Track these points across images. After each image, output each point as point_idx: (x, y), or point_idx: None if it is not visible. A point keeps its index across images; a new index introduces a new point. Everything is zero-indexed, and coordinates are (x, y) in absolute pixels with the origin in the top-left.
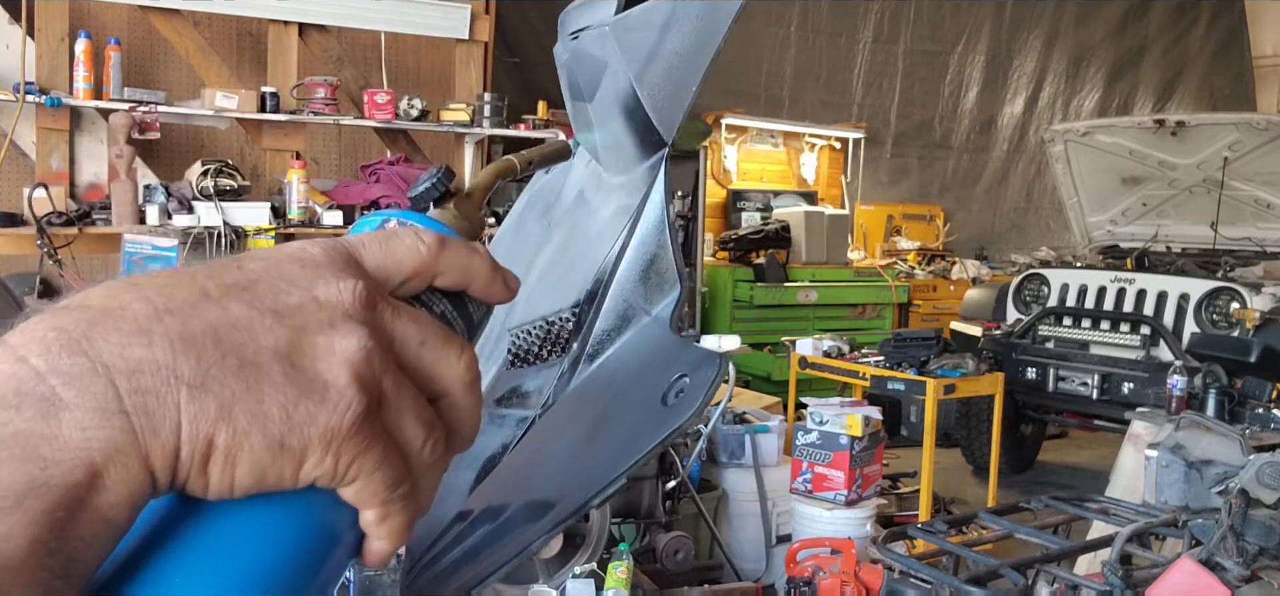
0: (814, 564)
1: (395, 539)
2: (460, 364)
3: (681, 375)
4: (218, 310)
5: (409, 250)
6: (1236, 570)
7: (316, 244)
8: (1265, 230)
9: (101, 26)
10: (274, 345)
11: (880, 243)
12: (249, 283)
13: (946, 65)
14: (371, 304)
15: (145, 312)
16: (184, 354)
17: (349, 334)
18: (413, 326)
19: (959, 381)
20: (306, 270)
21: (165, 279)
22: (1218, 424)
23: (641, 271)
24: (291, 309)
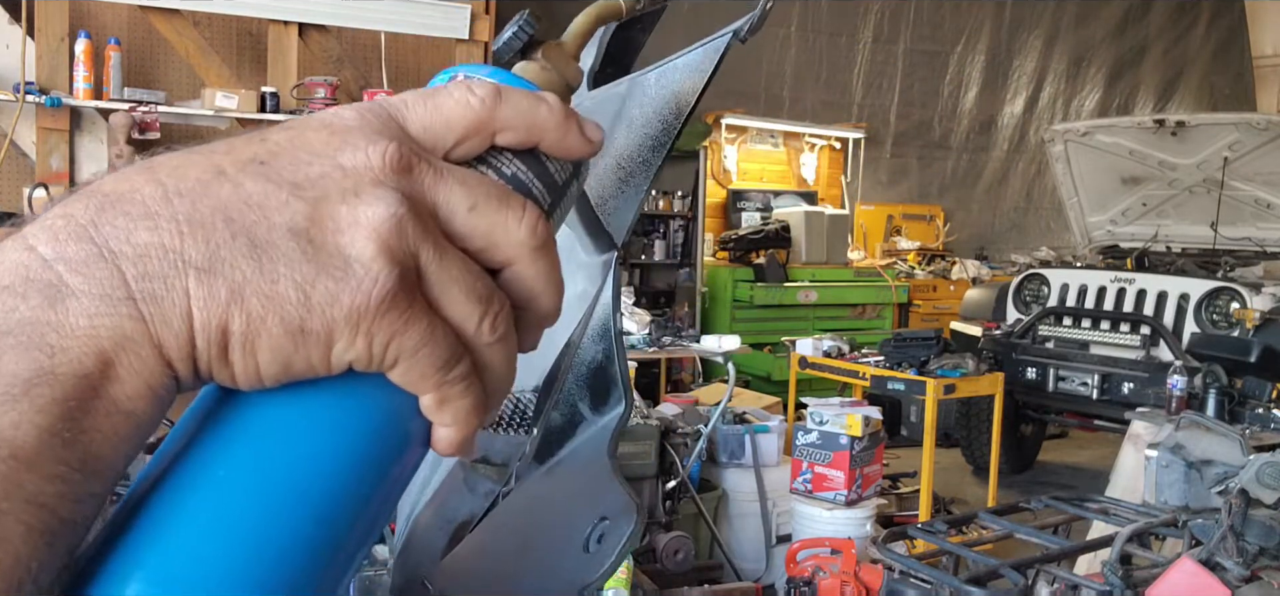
0: (814, 564)
1: (462, 424)
2: (522, 227)
3: (603, 518)
4: (231, 188)
5: (459, 104)
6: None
7: (352, 107)
8: (1265, 230)
9: (101, 26)
10: (290, 221)
11: (880, 243)
12: (269, 156)
13: (946, 65)
14: (406, 167)
15: (154, 195)
16: (192, 236)
17: (375, 201)
18: (460, 189)
19: (959, 381)
20: (335, 137)
21: (181, 159)
22: (1218, 424)
23: (588, 377)
24: (312, 180)
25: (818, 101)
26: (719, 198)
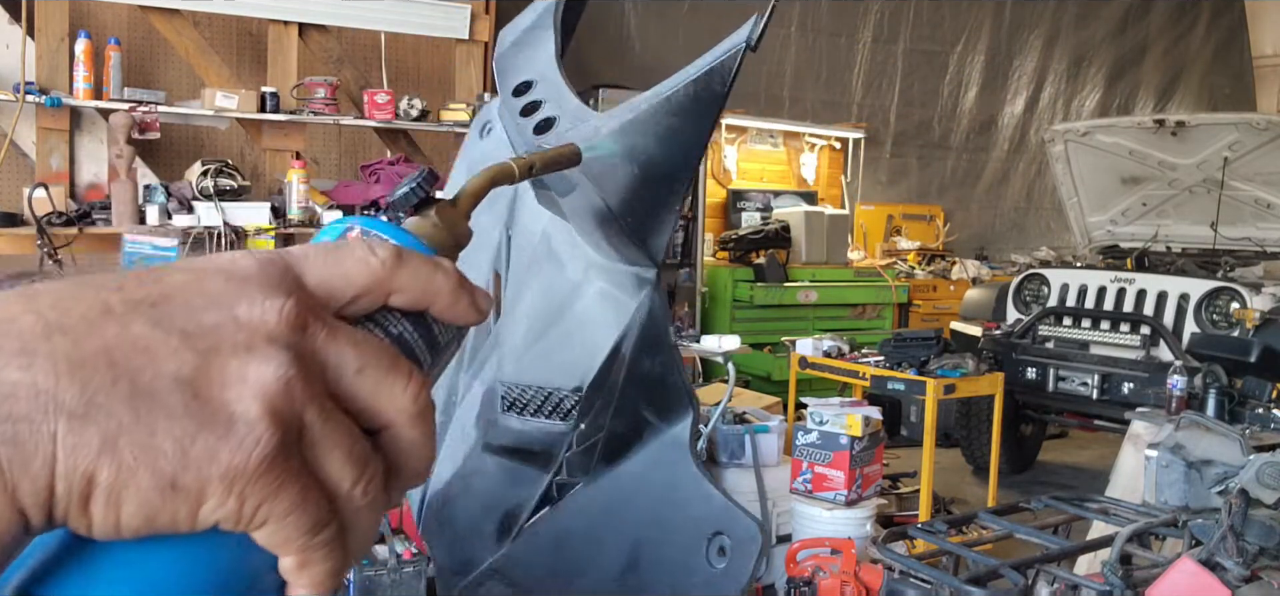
0: (814, 564)
1: (318, 588)
2: (406, 394)
3: (718, 532)
4: (117, 328)
5: (358, 263)
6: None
7: (252, 255)
8: (1265, 230)
9: (101, 26)
10: (176, 371)
11: (880, 243)
12: (162, 299)
13: (946, 65)
14: (301, 324)
15: (33, 329)
16: (68, 378)
17: (267, 359)
18: (351, 350)
19: (959, 381)
20: (231, 285)
21: (66, 290)
22: (1218, 424)
23: (648, 387)
24: (205, 329)
25: (817, 101)
26: (719, 197)
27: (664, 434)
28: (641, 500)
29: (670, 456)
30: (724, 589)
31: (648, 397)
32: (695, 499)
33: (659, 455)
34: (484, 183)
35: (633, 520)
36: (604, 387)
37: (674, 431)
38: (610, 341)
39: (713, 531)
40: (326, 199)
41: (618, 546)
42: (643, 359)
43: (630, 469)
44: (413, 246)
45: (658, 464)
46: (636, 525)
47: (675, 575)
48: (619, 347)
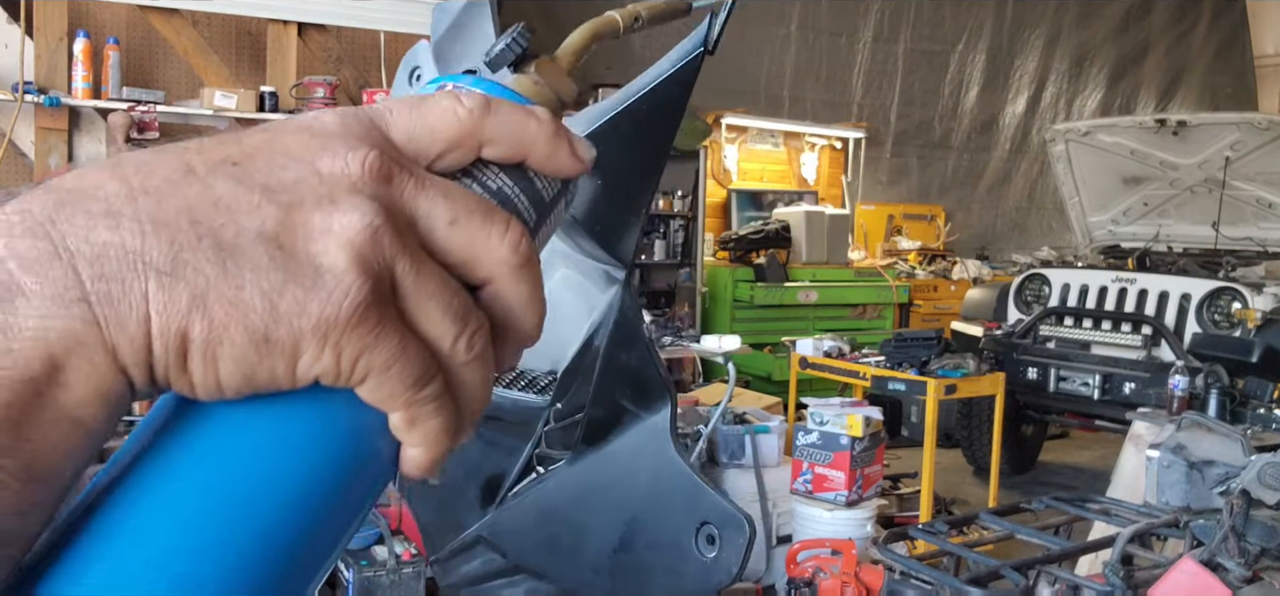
0: (814, 564)
1: (431, 446)
2: (505, 244)
3: (705, 522)
4: (199, 188)
5: (445, 114)
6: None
7: (335, 111)
8: (1267, 230)
9: (100, 26)
10: (259, 225)
11: (881, 242)
12: (243, 157)
13: (947, 65)
14: (386, 175)
15: (118, 193)
16: (155, 237)
17: (351, 209)
18: (443, 201)
19: (960, 382)
20: (314, 141)
21: (150, 156)
22: (1219, 424)
23: (625, 378)
24: (286, 184)
25: (818, 101)
26: (719, 197)
27: (645, 421)
28: (630, 482)
29: (654, 443)
30: (715, 578)
31: (625, 388)
32: (680, 487)
33: (642, 441)
34: (588, 35)
35: (623, 500)
36: (578, 373)
37: (654, 419)
38: (581, 330)
39: (700, 521)
40: None
41: (609, 523)
42: (618, 353)
43: (616, 450)
44: (505, 92)
45: (642, 449)
46: (627, 505)
47: (669, 557)
48: (592, 340)
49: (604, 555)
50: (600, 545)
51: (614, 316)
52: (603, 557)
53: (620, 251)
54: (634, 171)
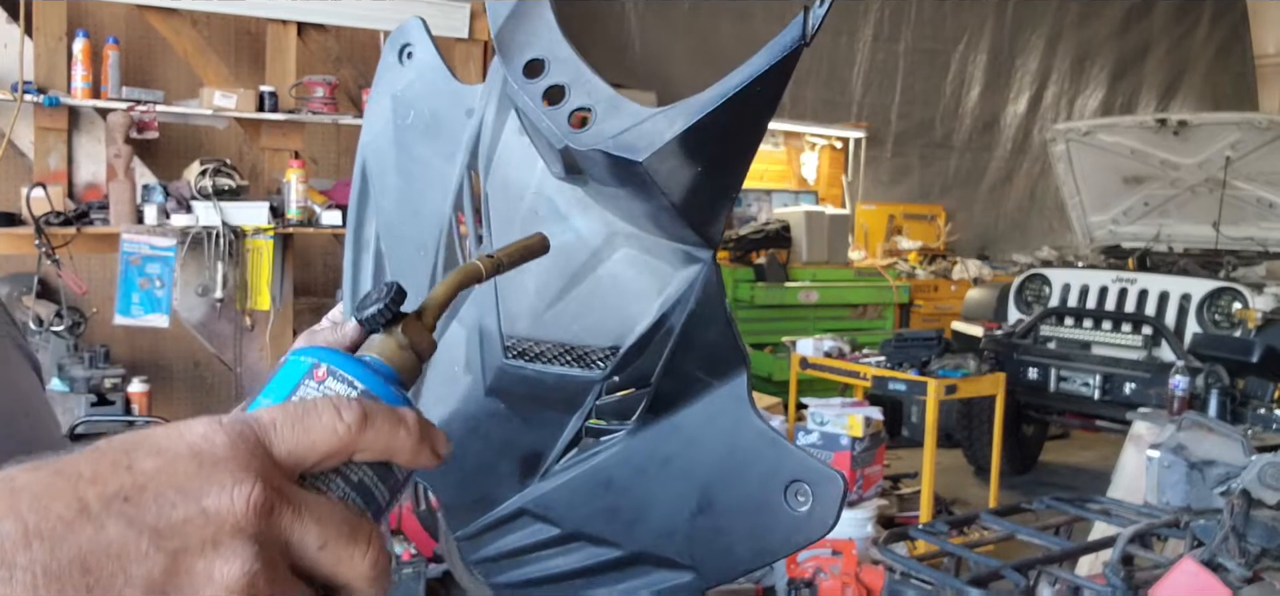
0: (815, 565)
1: None
2: (365, 561)
3: (796, 480)
4: (92, 531)
5: (326, 431)
6: (1238, 571)
7: (223, 428)
8: (1267, 230)
9: (99, 26)
10: (147, 575)
11: (881, 242)
12: (134, 492)
13: (948, 64)
14: (267, 509)
15: (14, 535)
16: (46, 589)
17: (232, 556)
18: (315, 528)
19: (960, 382)
20: (202, 470)
21: (45, 485)
22: (1220, 424)
23: (702, 352)
24: (174, 527)
25: (818, 100)
26: None
27: (718, 389)
28: (702, 449)
29: (730, 409)
30: (811, 531)
31: (700, 360)
32: (764, 449)
33: (717, 408)
34: (451, 288)
35: (695, 467)
36: (646, 350)
37: (729, 387)
38: (651, 308)
39: (789, 480)
40: (325, 198)
41: (681, 491)
42: (697, 331)
43: (684, 420)
44: (377, 384)
45: (716, 416)
46: (701, 472)
47: (754, 517)
48: (665, 318)
49: (678, 519)
50: (671, 510)
51: (697, 294)
52: (676, 521)
53: (710, 233)
54: (729, 158)
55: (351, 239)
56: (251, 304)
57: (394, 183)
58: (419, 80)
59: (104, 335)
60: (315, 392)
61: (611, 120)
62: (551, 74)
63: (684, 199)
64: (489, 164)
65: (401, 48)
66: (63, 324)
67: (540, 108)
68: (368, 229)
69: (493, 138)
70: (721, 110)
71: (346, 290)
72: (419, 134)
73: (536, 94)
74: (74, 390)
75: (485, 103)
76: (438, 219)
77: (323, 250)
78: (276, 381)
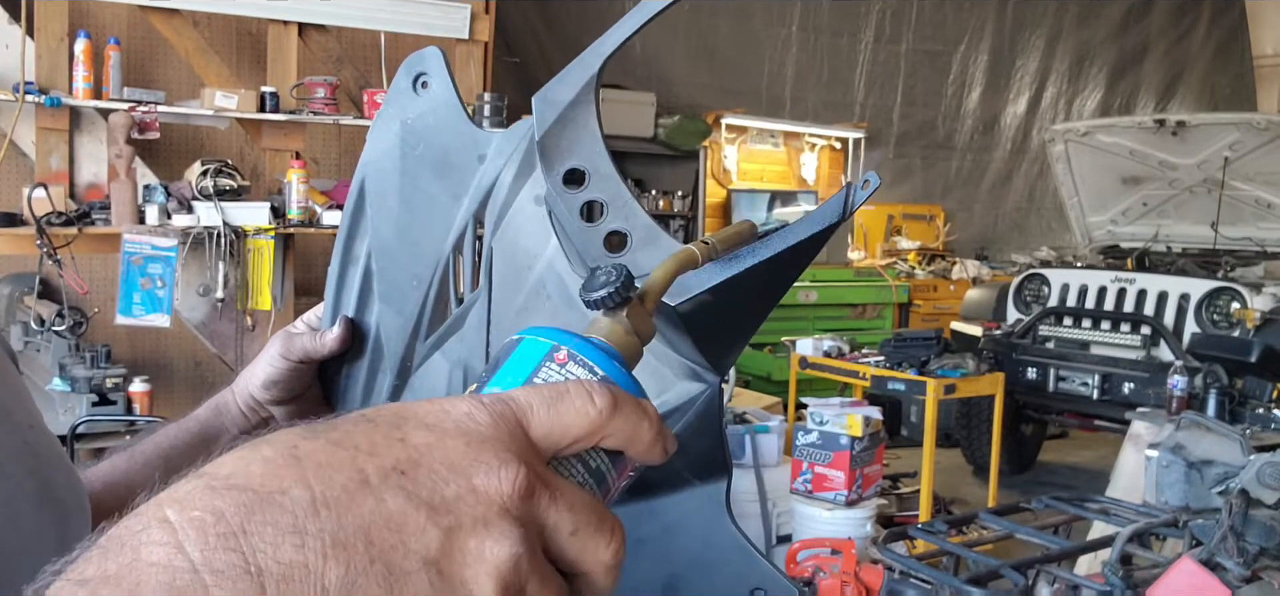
0: (814, 564)
1: None
2: (608, 551)
3: (758, 589)
4: (373, 503)
5: (579, 415)
6: (1237, 570)
7: (484, 409)
8: (1266, 230)
9: (101, 26)
10: (424, 549)
11: (881, 242)
12: (409, 465)
13: (949, 65)
14: (529, 493)
15: (303, 502)
16: (334, 557)
17: (500, 538)
18: (568, 516)
19: (959, 381)
20: (470, 449)
21: (326, 454)
22: (1218, 424)
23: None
24: (448, 503)
25: (820, 101)
26: (719, 197)
27: (700, 490)
28: (678, 539)
29: (708, 510)
30: None
31: (688, 464)
32: (733, 554)
33: (695, 505)
34: (669, 274)
35: (665, 555)
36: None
37: (710, 489)
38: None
39: (752, 587)
40: (326, 199)
41: (652, 572)
42: (691, 439)
43: (664, 508)
44: (615, 371)
45: (694, 513)
46: (669, 561)
47: None
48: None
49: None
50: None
51: (698, 410)
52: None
53: (722, 365)
54: (755, 309)
55: (340, 251)
56: (253, 304)
57: (394, 208)
58: (432, 114)
59: (105, 335)
60: (558, 376)
61: (646, 252)
62: (591, 188)
63: (706, 337)
64: (498, 222)
65: (417, 76)
66: (64, 324)
67: (577, 221)
68: (359, 245)
69: (507, 198)
70: (757, 269)
71: (329, 300)
72: (427, 167)
73: (574, 207)
74: (75, 390)
75: (503, 159)
76: (436, 255)
77: (324, 250)
78: (513, 362)
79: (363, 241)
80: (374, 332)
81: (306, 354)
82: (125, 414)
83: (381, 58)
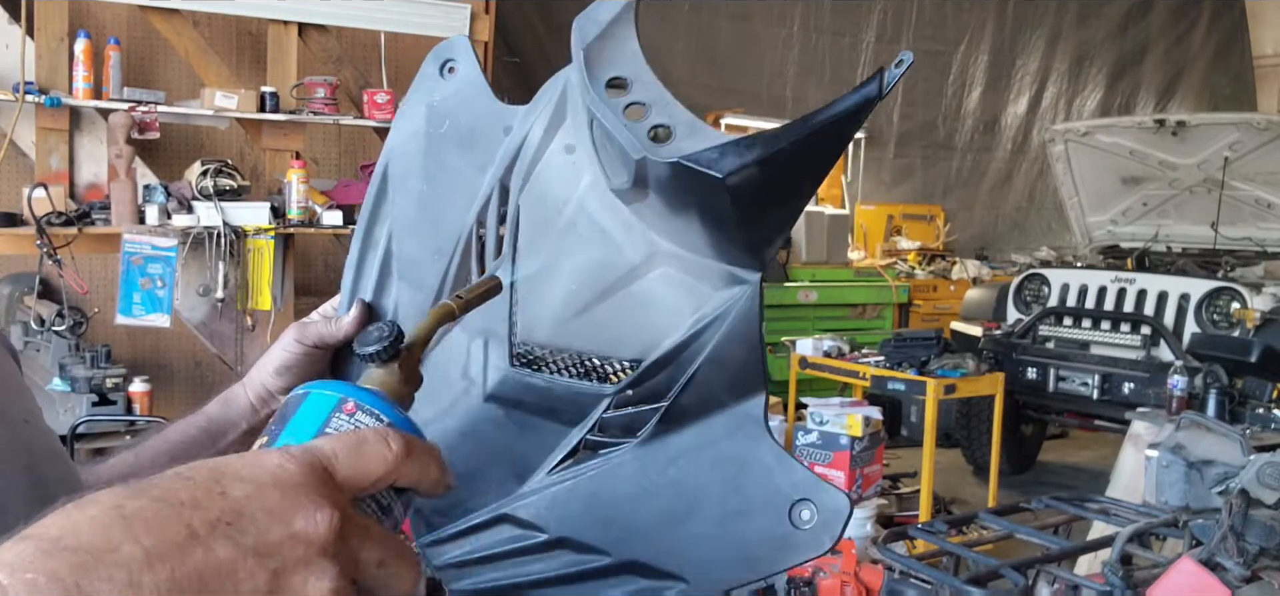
0: (814, 564)
1: None
2: (411, 578)
3: (804, 499)
4: (203, 553)
5: (378, 460)
6: (1237, 570)
7: (294, 459)
8: (1266, 230)
9: (101, 26)
10: (253, 590)
11: (880, 242)
12: (234, 515)
13: (950, 65)
14: (343, 534)
15: (136, 558)
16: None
17: (321, 575)
18: (376, 549)
19: (959, 381)
20: (286, 498)
21: (151, 512)
22: (1218, 424)
23: (728, 372)
24: (272, 547)
25: (821, 101)
26: None
27: (735, 409)
28: (712, 465)
29: (745, 428)
30: (808, 548)
31: (726, 382)
32: (777, 469)
33: (731, 427)
34: (430, 327)
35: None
36: (669, 367)
37: (746, 407)
38: (682, 325)
39: (797, 497)
40: (326, 199)
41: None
42: (729, 350)
43: (699, 435)
44: (397, 418)
45: (730, 435)
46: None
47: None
48: (697, 336)
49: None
50: (669, 521)
51: (737, 312)
52: (673, 533)
53: (765, 255)
54: (798, 188)
55: (361, 236)
56: (253, 304)
57: (418, 187)
58: (458, 94)
59: (105, 335)
60: (348, 424)
61: (691, 140)
62: (634, 92)
63: (750, 219)
64: (527, 177)
65: (444, 62)
66: (64, 324)
67: (620, 119)
68: (379, 229)
69: (536, 153)
70: (801, 142)
71: (347, 284)
72: (452, 144)
73: (618, 108)
74: (75, 390)
75: (530, 120)
76: (459, 227)
77: (324, 250)
78: (303, 414)
79: (383, 226)
80: (392, 313)
81: (321, 339)
82: (125, 414)
83: (381, 58)
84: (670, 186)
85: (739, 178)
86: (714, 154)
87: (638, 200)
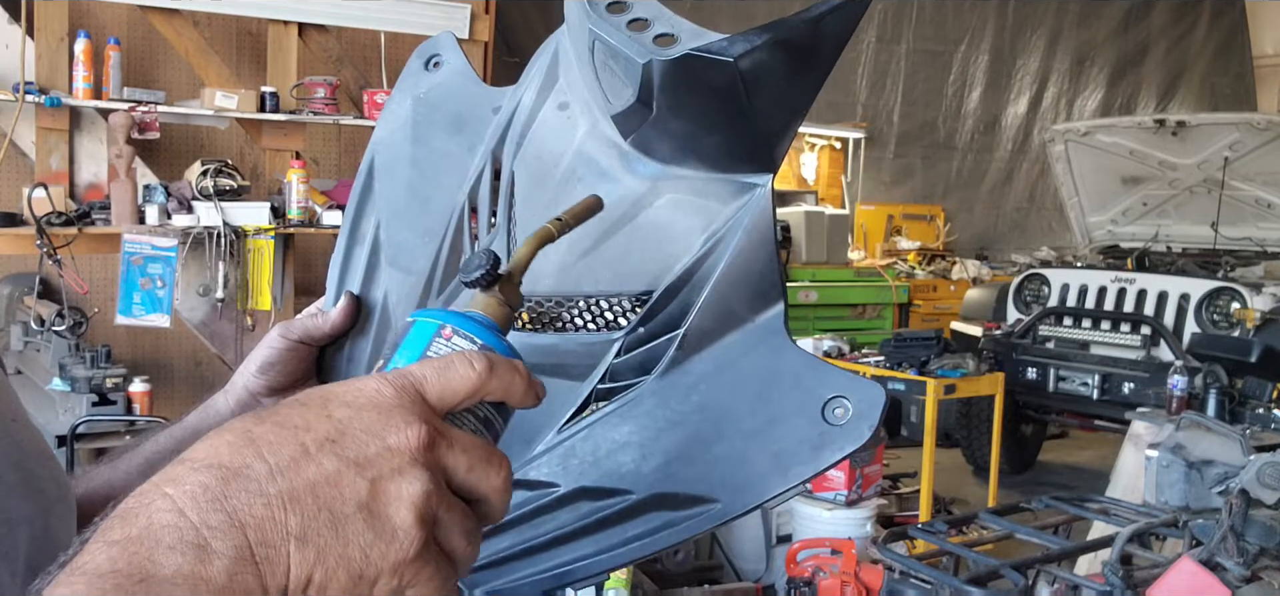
0: (814, 564)
1: None
2: (499, 477)
3: (837, 395)
4: (314, 466)
5: (463, 379)
6: (1237, 570)
7: (389, 383)
8: (1266, 230)
9: (101, 26)
10: (357, 497)
11: (881, 243)
12: (337, 434)
13: (950, 65)
14: (431, 444)
15: (263, 473)
16: (292, 509)
17: (413, 480)
18: (463, 456)
19: (959, 381)
20: (381, 417)
21: (275, 436)
22: (1218, 424)
23: (745, 283)
24: (370, 459)
25: (821, 101)
26: None
27: (753, 322)
28: (735, 383)
29: (766, 340)
30: (846, 441)
31: (741, 293)
32: (804, 371)
33: (752, 341)
34: (530, 251)
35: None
36: (681, 288)
37: (765, 319)
38: (693, 245)
39: (829, 396)
40: (326, 199)
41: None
42: (745, 261)
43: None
44: (491, 338)
45: (752, 349)
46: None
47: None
48: (709, 253)
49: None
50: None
51: (750, 221)
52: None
53: (776, 153)
54: (807, 78)
55: (347, 231)
56: (252, 304)
57: (405, 174)
58: (445, 84)
59: (105, 335)
60: (446, 348)
61: (697, 41)
62: (634, 10)
63: (761, 110)
64: (520, 143)
65: (429, 57)
66: (64, 324)
67: (624, 32)
68: (366, 223)
69: (529, 118)
70: (809, 27)
71: (333, 279)
72: (440, 130)
73: (621, 24)
74: (75, 390)
75: (520, 92)
76: (449, 206)
77: (324, 250)
78: (409, 341)
79: (370, 218)
80: (381, 304)
81: (307, 333)
82: (125, 414)
83: (381, 58)
84: (678, 90)
85: (750, 61)
86: (724, 41)
87: (641, 121)
